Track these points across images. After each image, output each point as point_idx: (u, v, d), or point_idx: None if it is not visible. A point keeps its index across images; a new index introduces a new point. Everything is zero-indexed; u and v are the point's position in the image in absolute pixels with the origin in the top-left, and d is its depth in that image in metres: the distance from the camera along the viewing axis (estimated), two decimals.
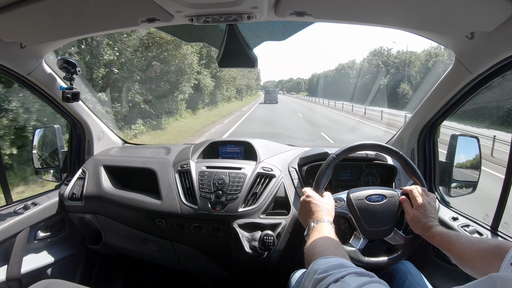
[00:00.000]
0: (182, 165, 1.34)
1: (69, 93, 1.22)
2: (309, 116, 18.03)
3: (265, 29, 1.05)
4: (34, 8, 0.79)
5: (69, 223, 1.50)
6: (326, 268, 0.58)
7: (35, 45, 1.09)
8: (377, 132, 12.06)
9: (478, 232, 1.05)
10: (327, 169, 1.01)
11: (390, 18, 0.87)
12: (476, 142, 1.21)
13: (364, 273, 0.55)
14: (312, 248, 0.73)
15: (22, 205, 1.30)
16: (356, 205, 0.99)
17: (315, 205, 0.91)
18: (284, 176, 1.31)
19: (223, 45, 1.04)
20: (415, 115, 1.35)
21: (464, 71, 1.00)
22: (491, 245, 0.72)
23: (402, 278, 0.96)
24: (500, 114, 9.44)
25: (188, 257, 1.40)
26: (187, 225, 1.25)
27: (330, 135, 10.47)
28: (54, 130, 1.53)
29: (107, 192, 1.38)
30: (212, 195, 1.22)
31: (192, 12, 0.85)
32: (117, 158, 1.54)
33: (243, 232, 1.18)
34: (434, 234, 0.87)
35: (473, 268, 0.75)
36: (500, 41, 0.83)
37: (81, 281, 1.54)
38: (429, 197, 0.97)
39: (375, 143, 1.06)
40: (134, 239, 1.44)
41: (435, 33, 0.95)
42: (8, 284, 1.18)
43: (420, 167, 1.35)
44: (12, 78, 1.18)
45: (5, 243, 1.19)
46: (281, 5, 0.81)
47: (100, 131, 1.62)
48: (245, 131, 11.29)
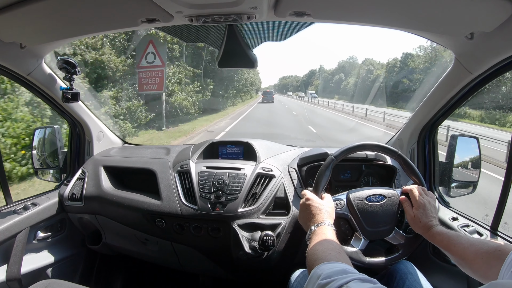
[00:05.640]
0: (182, 166, 1.34)
1: (69, 93, 1.22)
2: (304, 115, 18.38)
3: (264, 29, 1.05)
4: (34, 8, 0.79)
5: (69, 223, 1.50)
6: (329, 274, 0.59)
7: (35, 45, 1.09)
8: (377, 134, 12.06)
9: (478, 232, 1.05)
10: (326, 170, 1.01)
11: (390, 18, 0.88)
12: (476, 142, 1.21)
13: (367, 279, 0.56)
14: (314, 252, 0.73)
15: (22, 205, 1.30)
16: (356, 206, 0.99)
17: (315, 208, 0.91)
18: (284, 176, 1.31)
19: (223, 46, 1.04)
20: (414, 115, 1.35)
21: (463, 71, 1.00)
22: (491, 247, 0.72)
23: (402, 278, 0.96)
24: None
25: (188, 257, 1.40)
26: (187, 226, 1.25)
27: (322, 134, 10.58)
28: (54, 130, 1.53)
29: (107, 193, 1.38)
30: (212, 196, 1.22)
31: (192, 12, 0.85)
32: (117, 158, 1.54)
33: (243, 232, 1.18)
34: (434, 234, 0.87)
35: (472, 269, 0.75)
36: (499, 41, 0.83)
37: (81, 281, 1.54)
38: (429, 197, 0.97)
39: (374, 143, 1.06)
40: (134, 239, 1.43)
41: (435, 33, 0.95)
42: (8, 284, 1.18)
43: (420, 167, 1.35)
44: (12, 79, 1.18)
45: (5, 243, 1.19)
46: (280, 5, 0.81)
47: (100, 132, 1.62)
48: (248, 125, 11.35)
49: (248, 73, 24.64)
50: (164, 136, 9.22)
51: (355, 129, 13.19)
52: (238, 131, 10.86)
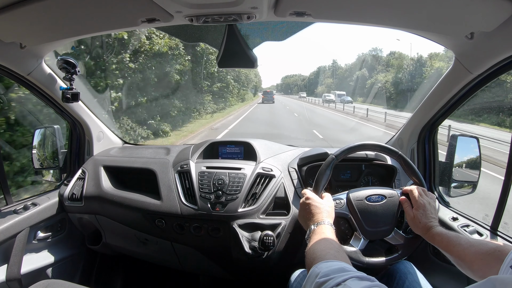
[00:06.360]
0: (182, 166, 1.34)
1: (69, 93, 1.22)
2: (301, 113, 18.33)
3: (265, 29, 1.05)
4: (34, 8, 0.79)
5: (69, 223, 1.50)
6: (327, 272, 0.59)
7: (35, 45, 1.09)
8: (376, 133, 11.90)
9: (478, 233, 1.05)
10: (327, 169, 1.01)
11: (390, 18, 0.88)
12: (476, 142, 1.21)
13: (365, 277, 0.56)
14: (313, 251, 0.74)
15: (22, 205, 1.30)
16: (356, 206, 0.99)
17: (315, 207, 0.91)
18: (284, 176, 1.31)
19: (223, 45, 1.04)
20: (414, 115, 1.35)
21: (463, 71, 1.00)
22: (490, 248, 0.72)
23: (402, 278, 0.96)
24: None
25: (188, 257, 1.40)
26: (187, 226, 1.25)
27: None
28: (54, 130, 1.53)
29: (107, 193, 1.38)
30: (212, 195, 1.22)
31: (192, 12, 0.85)
32: (117, 158, 1.54)
33: (243, 232, 1.18)
34: (434, 235, 0.87)
35: (472, 270, 0.75)
36: (500, 41, 0.83)
37: (81, 281, 1.54)
38: (429, 197, 0.97)
39: (375, 143, 1.06)
40: (134, 239, 1.43)
41: (435, 33, 0.95)
42: (8, 284, 1.18)
43: (420, 167, 1.35)
44: (12, 79, 1.18)
45: (5, 243, 1.19)
46: (280, 5, 0.81)
47: (100, 132, 1.62)
48: (247, 125, 11.26)
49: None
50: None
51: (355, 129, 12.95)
52: (238, 131, 10.85)
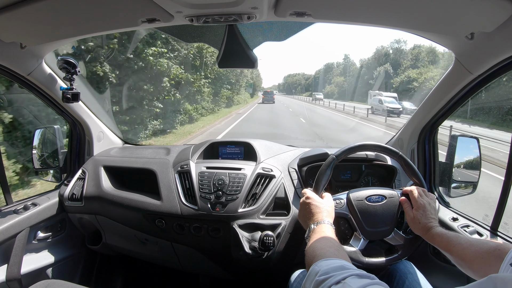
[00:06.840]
0: (182, 166, 1.34)
1: (69, 93, 1.22)
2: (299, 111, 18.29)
3: (265, 29, 1.05)
4: (34, 8, 0.79)
5: (69, 223, 1.50)
6: (327, 270, 0.58)
7: (35, 45, 1.09)
8: (377, 133, 11.88)
9: (478, 233, 1.05)
10: (327, 170, 1.01)
11: (390, 18, 0.88)
12: (476, 143, 1.21)
13: (365, 275, 0.56)
14: (313, 250, 0.74)
15: (22, 206, 1.30)
16: (356, 206, 0.99)
17: (315, 207, 0.91)
18: (284, 176, 1.31)
19: (223, 46, 1.04)
20: (415, 116, 1.35)
21: (464, 71, 1.00)
22: (490, 247, 0.72)
23: (402, 278, 0.96)
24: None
25: (188, 257, 1.40)
26: (187, 226, 1.25)
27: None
28: (54, 130, 1.53)
29: (107, 193, 1.38)
30: (212, 196, 1.22)
31: (192, 12, 0.85)
32: (117, 158, 1.54)
33: (243, 233, 1.18)
34: (434, 235, 0.87)
35: (472, 269, 0.75)
36: (500, 42, 0.83)
37: (81, 281, 1.54)
38: (429, 198, 0.97)
39: (375, 143, 1.06)
40: (134, 239, 1.43)
41: (435, 33, 0.95)
42: (8, 284, 1.18)
43: (420, 167, 1.35)
44: (12, 79, 1.18)
45: (5, 243, 1.19)
46: (281, 5, 0.81)
47: (100, 132, 1.62)
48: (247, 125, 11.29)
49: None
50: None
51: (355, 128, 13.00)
52: (239, 131, 10.86)
